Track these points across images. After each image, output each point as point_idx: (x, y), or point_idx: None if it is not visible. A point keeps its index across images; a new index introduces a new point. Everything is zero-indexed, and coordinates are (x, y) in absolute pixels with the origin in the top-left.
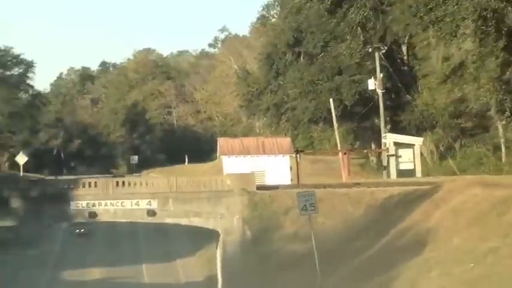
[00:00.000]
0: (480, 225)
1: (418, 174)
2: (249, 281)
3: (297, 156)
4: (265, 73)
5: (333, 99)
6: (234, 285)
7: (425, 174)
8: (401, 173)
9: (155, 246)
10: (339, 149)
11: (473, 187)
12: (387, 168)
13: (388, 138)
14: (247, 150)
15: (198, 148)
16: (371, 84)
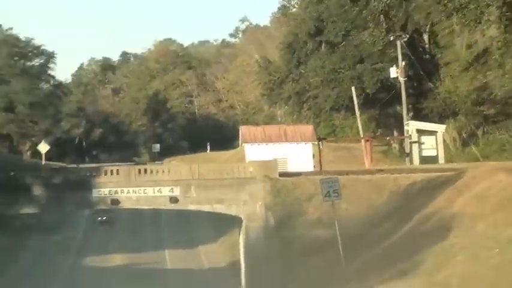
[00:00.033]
0: (505, 211)
1: (440, 160)
2: (272, 266)
3: (319, 143)
4: (286, 62)
5: (354, 87)
6: (257, 271)
7: (448, 160)
8: (424, 159)
9: (178, 233)
10: (361, 136)
11: (498, 173)
12: (410, 155)
13: (410, 126)
14: (269, 138)
15: (219, 136)
16: (393, 72)
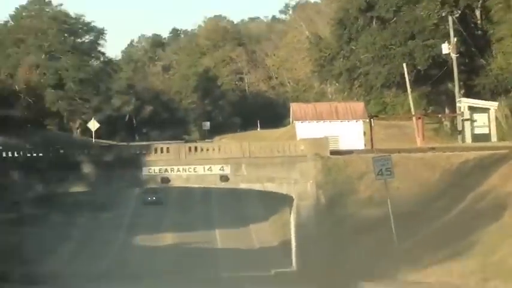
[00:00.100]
0: None
1: (493, 138)
2: (323, 245)
3: (370, 121)
4: (337, 38)
5: (406, 64)
6: (308, 250)
7: (500, 138)
8: (476, 137)
9: (228, 212)
10: (413, 114)
11: None
12: (462, 132)
13: (462, 103)
14: (320, 115)
15: (270, 114)
16: (445, 48)
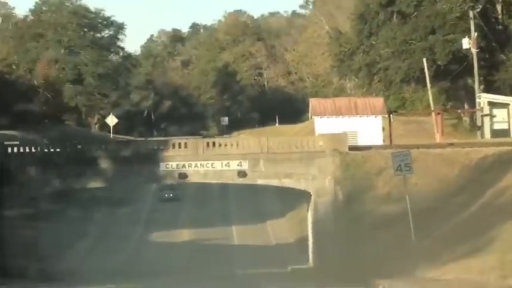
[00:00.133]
0: None
1: None
2: (341, 242)
3: (389, 116)
4: (357, 33)
5: (426, 59)
6: (326, 247)
7: None
8: (496, 133)
9: (245, 208)
10: (432, 109)
11: None
12: (481, 128)
13: (482, 98)
14: (339, 110)
15: (289, 109)
16: (465, 43)
